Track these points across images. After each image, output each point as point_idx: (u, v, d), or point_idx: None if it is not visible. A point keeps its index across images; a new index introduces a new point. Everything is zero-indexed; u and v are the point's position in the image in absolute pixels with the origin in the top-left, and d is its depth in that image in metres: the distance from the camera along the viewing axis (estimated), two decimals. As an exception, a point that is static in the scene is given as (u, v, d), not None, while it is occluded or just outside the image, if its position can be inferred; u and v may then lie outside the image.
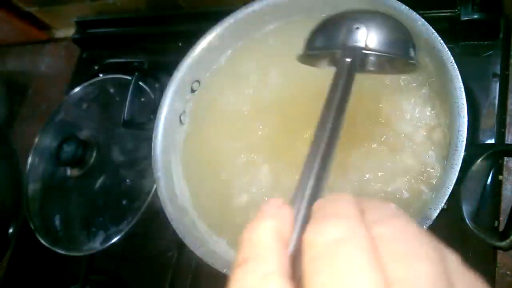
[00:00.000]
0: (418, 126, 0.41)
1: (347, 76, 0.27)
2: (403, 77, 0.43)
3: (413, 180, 0.40)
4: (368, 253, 0.15)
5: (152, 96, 0.58)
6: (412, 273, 0.15)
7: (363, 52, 0.31)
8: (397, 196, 0.40)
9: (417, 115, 0.41)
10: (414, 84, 0.42)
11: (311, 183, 0.20)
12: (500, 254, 0.44)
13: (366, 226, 0.17)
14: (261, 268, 0.16)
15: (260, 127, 0.48)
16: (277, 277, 0.16)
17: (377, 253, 0.16)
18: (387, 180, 0.41)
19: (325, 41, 0.34)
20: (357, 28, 0.31)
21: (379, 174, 0.41)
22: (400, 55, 0.32)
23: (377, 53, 0.31)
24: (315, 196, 0.20)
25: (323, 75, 0.47)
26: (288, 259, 0.17)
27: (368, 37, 0.31)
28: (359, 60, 0.30)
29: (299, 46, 0.50)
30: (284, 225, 0.18)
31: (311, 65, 0.38)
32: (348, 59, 0.29)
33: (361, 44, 0.30)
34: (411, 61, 0.33)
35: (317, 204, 0.18)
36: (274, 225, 0.18)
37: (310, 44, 0.35)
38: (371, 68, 0.34)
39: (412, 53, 0.33)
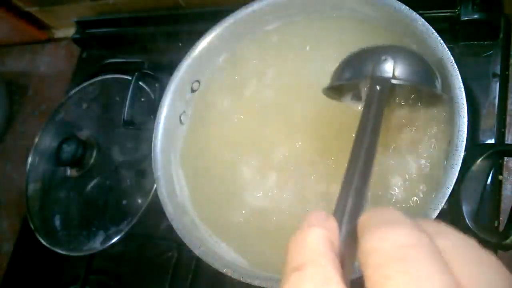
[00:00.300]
0: (418, 125, 0.41)
1: (378, 102, 0.28)
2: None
3: (412, 180, 0.40)
4: (438, 258, 0.16)
5: (152, 96, 0.58)
6: (483, 277, 0.16)
7: (392, 82, 0.31)
8: (397, 196, 0.40)
9: (417, 115, 0.41)
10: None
11: (351, 200, 0.21)
12: (500, 254, 0.43)
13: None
14: (321, 274, 0.16)
15: (260, 127, 0.48)
16: (337, 283, 0.16)
17: (444, 259, 0.16)
18: (386, 180, 0.41)
19: (352, 72, 0.34)
20: (385, 59, 0.32)
21: (378, 174, 0.41)
22: (427, 85, 0.33)
23: (406, 82, 0.32)
24: (355, 211, 0.20)
25: (322, 76, 0.47)
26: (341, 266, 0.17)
27: (396, 68, 0.32)
28: (387, 90, 0.30)
29: (299, 46, 0.50)
30: (332, 235, 0.18)
31: (335, 99, 0.39)
32: (378, 87, 0.30)
33: (390, 74, 0.31)
34: (437, 92, 0.34)
35: (365, 217, 0.18)
36: (325, 233, 0.18)
37: (337, 75, 0.36)
38: (398, 101, 0.35)
39: (438, 84, 0.33)
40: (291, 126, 0.47)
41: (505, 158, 0.46)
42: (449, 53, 0.37)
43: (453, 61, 0.37)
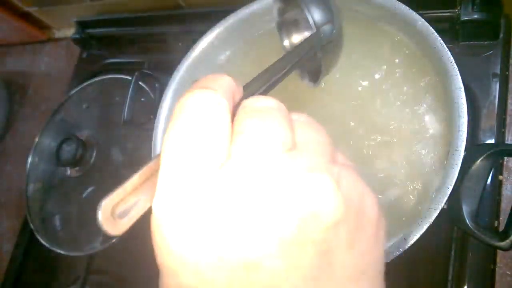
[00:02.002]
0: (418, 126, 0.41)
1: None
2: (402, 78, 0.43)
3: (413, 180, 0.40)
4: (286, 117, 0.19)
5: (152, 96, 0.58)
6: (308, 138, 0.20)
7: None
8: (398, 197, 0.40)
9: (418, 115, 0.41)
10: (413, 84, 0.42)
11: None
12: (500, 254, 0.44)
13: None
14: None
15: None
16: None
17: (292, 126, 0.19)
18: (386, 180, 0.41)
19: None
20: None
21: (380, 174, 0.41)
22: None
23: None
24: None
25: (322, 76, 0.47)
26: None
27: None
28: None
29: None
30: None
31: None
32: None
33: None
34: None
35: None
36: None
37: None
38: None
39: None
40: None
41: (505, 158, 0.46)
42: (449, 53, 0.37)
43: (453, 61, 0.37)
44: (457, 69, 0.37)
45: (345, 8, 0.46)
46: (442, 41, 0.38)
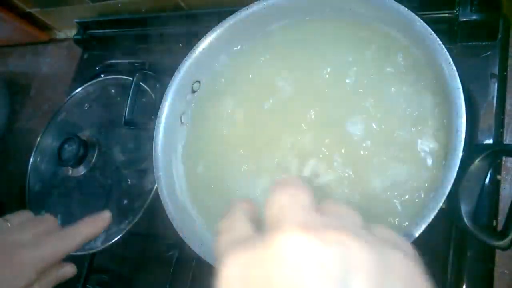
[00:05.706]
0: (417, 126, 0.41)
1: None
2: (401, 79, 0.43)
3: (412, 180, 0.40)
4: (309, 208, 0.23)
5: (153, 97, 0.59)
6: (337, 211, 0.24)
7: None
8: (397, 196, 0.40)
9: (416, 116, 0.42)
10: (412, 85, 0.43)
11: None
12: (498, 254, 0.44)
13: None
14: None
15: (260, 127, 0.48)
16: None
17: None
18: (386, 180, 0.41)
19: None
20: None
21: (379, 174, 0.41)
22: None
23: None
24: None
25: (323, 76, 0.48)
26: None
27: None
28: None
29: (299, 47, 0.50)
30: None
31: None
32: None
33: None
34: None
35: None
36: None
37: None
38: None
39: None
40: (292, 126, 0.47)
41: (503, 158, 0.46)
42: (448, 54, 0.38)
43: (452, 61, 0.37)
44: (456, 70, 0.37)
45: (345, 9, 0.47)
46: (440, 42, 0.38)
